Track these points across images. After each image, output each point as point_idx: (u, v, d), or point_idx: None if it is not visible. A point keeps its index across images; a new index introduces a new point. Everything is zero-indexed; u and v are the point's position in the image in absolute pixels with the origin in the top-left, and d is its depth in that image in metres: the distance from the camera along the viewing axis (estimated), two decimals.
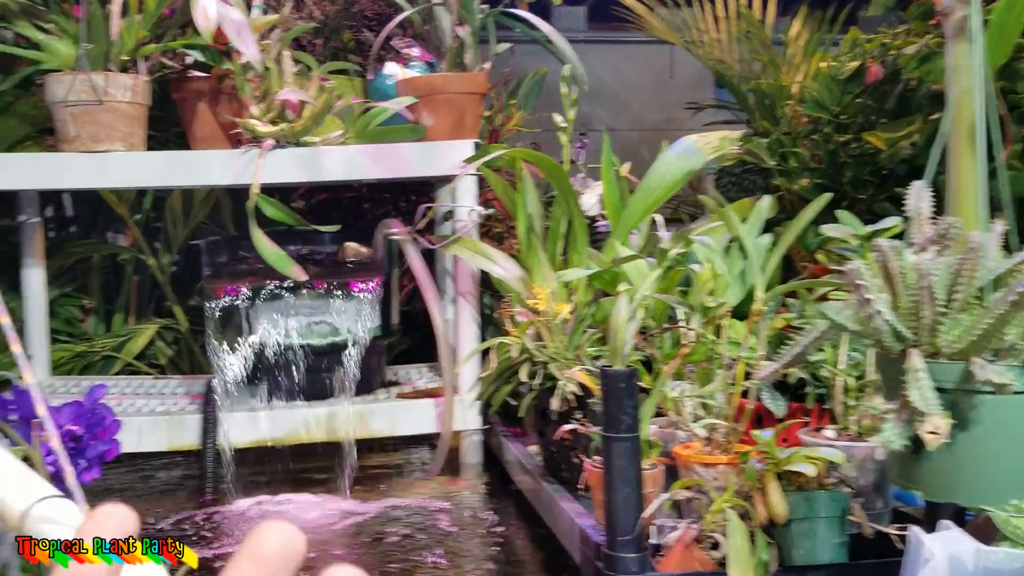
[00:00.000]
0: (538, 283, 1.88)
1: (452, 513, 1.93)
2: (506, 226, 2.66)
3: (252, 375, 2.19)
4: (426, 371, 2.63)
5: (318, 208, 2.88)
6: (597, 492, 1.41)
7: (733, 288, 1.41)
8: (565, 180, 1.88)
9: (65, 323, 2.69)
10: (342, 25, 2.64)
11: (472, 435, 2.21)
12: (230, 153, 2.11)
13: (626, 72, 4.59)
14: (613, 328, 1.29)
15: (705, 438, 1.42)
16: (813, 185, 2.72)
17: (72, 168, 2.03)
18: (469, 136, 2.27)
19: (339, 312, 2.25)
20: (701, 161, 1.78)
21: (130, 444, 2.07)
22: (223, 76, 2.14)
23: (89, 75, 1.95)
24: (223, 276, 2.24)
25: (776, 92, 2.94)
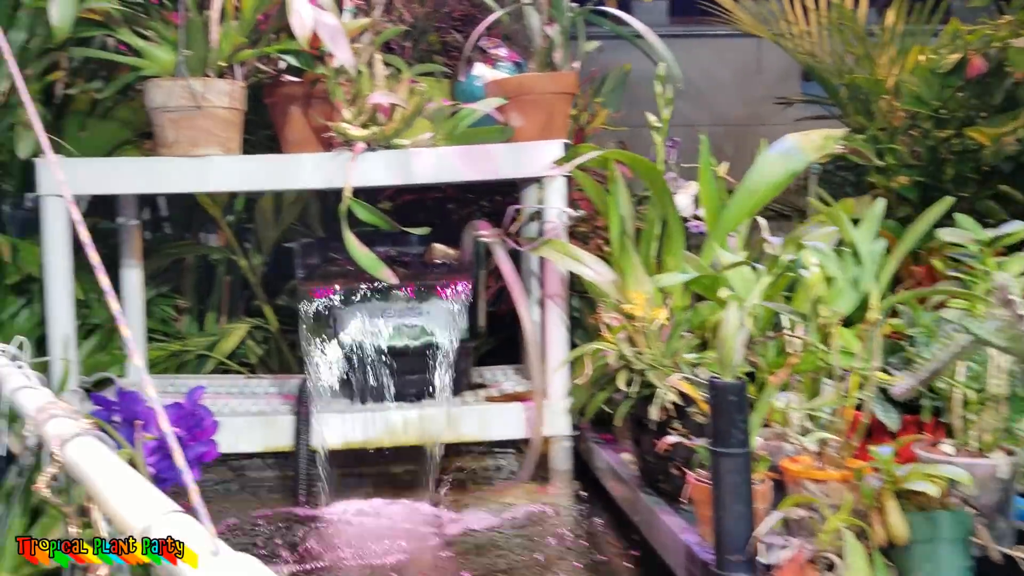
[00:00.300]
0: (631, 287, 1.84)
1: (544, 521, 1.91)
2: (591, 226, 2.63)
3: (343, 376, 2.20)
4: (512, 373, 2.61)
5: (404, 209, 2.89)
6: (702, 507, 1.37)
7: (846, 295, 1.36)
8: (661, 181, 1.84)
9: (160, 323, 2.74)
10: (430, 27, 2.64)
11: (562, 441, 2.18)
12: (322, 156, 2.12)
13: (709, 66, 4.50)
14: (722, 338, 1.25)
15: (816, 452, 1.37)
16: (912, 183, 2.63)
17: (173, 172, 2.06)
18: (558, 136, 2.24)
19: (428, 314, 2.25)
20: (804, 161, 1.72)
21: (226, 445, 2.10)
22: (315, 80, 2.15)
23: (188, 81, 1.98)
24: (315, 278, 2.26)
25: (872, 87, 2.84)
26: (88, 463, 1.00)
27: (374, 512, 1.98)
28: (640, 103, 3.39)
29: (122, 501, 0.88)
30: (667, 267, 1.88)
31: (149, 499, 0.86)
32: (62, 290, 2.10)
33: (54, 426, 1.12)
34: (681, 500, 1.55)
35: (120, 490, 0.90)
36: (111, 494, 0.90)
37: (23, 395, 1.32)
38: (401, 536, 1.83)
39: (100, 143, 2.32)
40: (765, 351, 1.57)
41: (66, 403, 1.23)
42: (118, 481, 0.93)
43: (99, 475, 0.95)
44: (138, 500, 0.86)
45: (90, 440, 1.08)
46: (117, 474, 0.95)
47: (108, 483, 0.93)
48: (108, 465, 0.98)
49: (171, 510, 0.82)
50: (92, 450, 1.04)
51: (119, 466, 0.98)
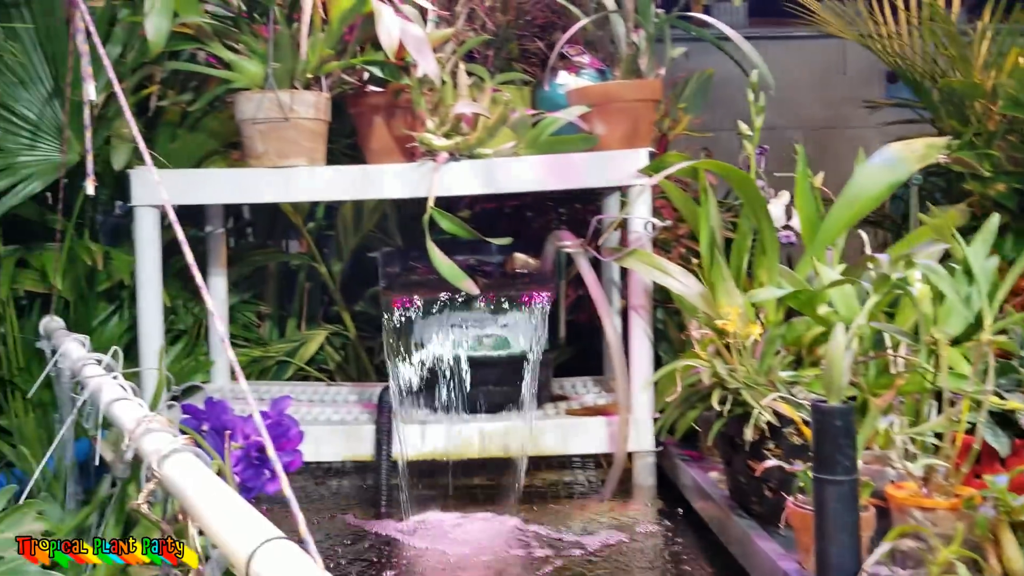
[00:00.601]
0: (721, 300, 1.80)
1: (630, 540, 1.87)
2: (673, 235, 2.58)
3: (423, 386, 2.20)
4: (592, 384, 2.58)
5: (481, 217, 2.88)
6: (803, 534, 1.32)
7: (957, 315, 1.30)
8: (755, 192, 1.79)
9: (243, 328, 2.78)
10: (512, 35, 2.62)
11: (646, 457, 2.14)
12: (406, 167, 2.12)
13: (788, 68, 4.40)
14: (828, 360, 1.20)
15: (922, 478, 1.32)
16: (1010, 190, 2.53)
17: (260, 183, 2.08)
18: (643, 144, 2.21)
19: (509, 325, 2.23)
20: (907, 172, 1.66)
21: (307, 453, 2.10)
22: (399, 91, 2.15)
23: (277, 93, 1.99)
24: (397, 287, 2.26)
25: (968, 90, 2.74)
26: (188, 482, 1.00)
27: (455, 525, 1.97)
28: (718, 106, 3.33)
29: (225, 525, 0.87)
30: (759, 280, 1.83)
31: (253, 523, 0.85)
32: (153, 299, 2.13)
33: (151, 441, 1.13)
34: (777, 524, 1.50)
35: (223, 513, 0.90)
36: (214, 517, 0.90)
37: (119, 407, 1.34)
38: (483, 550, 1.82)
39: (189, 154, 2.36)
40: (866, 371, 1.51)
41: (162, 416, 1.24)
42: (220, 503, 0.92)
43: (200, 495, 0.95)
44: (241, 524, 0.86)
45: (188, 457, 1.08)
46: (218, 495, 0.94)
47: (210, 505, 0.92)
48: (209, 485, 0.97)
49: (275, 536, 0.81)
50: (191, 468, 1.04)
51: (219, 486, 0.98)
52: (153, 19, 1.82)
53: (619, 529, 1.93)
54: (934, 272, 1.29)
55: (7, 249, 2.22)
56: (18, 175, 2.12)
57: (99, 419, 1.47)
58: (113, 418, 1.35)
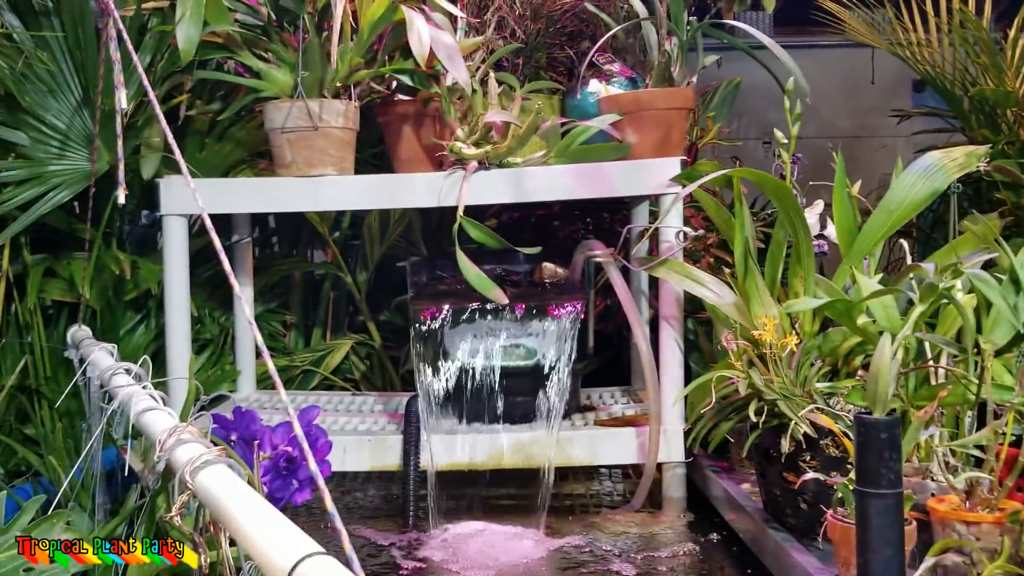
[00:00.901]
0: (755, 310, 1.77)
1: (660, 553, 1.84)
2: (703, 244, 2.56)
3: (451, 396, 2.18)
4: (619, 395, 2.56)
5: (509, 226, 2.87)
6: (842, 548, 1.29)
7: (1005, 324, 1.27)
8: (792, 200, 1.77)
9: (268, 338, 2.78)
10: (542, 43, 2.61)
11: (676, 468, 2.11)
12: (435, 175, 2.11)
13: (814, 77, 4.37)
14: (874, 372, 1.17)
15: (964, 492, 1.29)
16: None
17: (290, 192, 2.08)
18: (675, 153, 2.19)
19: (538, 335, 2.21)
20: (947, 180, 1.63)
21: (335, 463, 2.09)
22: (428, 99, 2.14)
23: (306, 102, 1.99)
24: (425, 297, 2.25)
25: (1000, 98, 2.71)
26: (223, 493, 0.99)
27: (483, 536, 1.95)
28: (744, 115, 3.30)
29: (264, 538, 0.86)
30: (795, 290, 1.80)
31: (292, 537, 0.84)
32: (180, 308, 2.13)
33: (184, 452, 1.12)
34: (814, 537, 1.47)
35: (261, 526, 0.88)
36: (252, 530, 0.89)
37: (150, 417, 1.33)
38: (510, 561, 1.80)
39: (217, 163, 2.36)
40: (906, 383, 1.48)
41: (194, 427, 1.23)
42: (258, 515, 0.91)
43: (236, 508, 0.94)
44: (281, 538, 0.84)
45: (222, 468, 1.07)
46: (255, 508, 0.93)
47: (248, 518, 0.91)
48: (245, 497, 0.96)
49: (316, 552, 0.79)
50: (226, 479, 1.03)
51: (256, 499, 0.96)
52: (184, 28, 1.82)
53: (648, 541, 1.90)
54: (983, 280, 1.26)
55: (35, 258, 2.23)
56: (47, 184, 2.13)
57: (129, 429, 1.46)
58: (144, 428, 1.34)
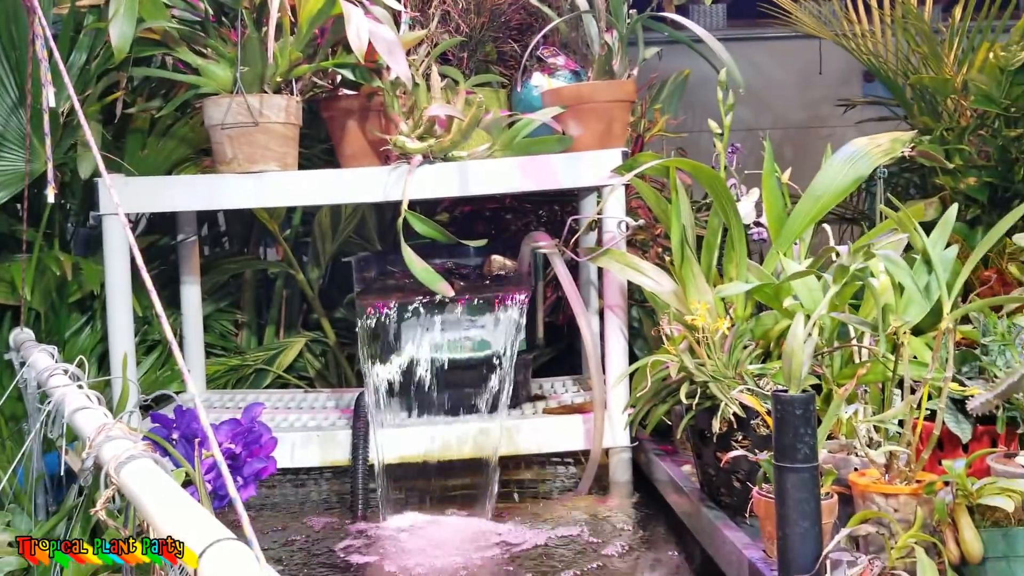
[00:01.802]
0: (692, 297, 1.80)
1: (605, 535, 1.87)
2: (650, 234, 2.59)
3: (400, 390, 2.20)
4: (570, 384, 2.58)
5: (461, 220, 2.89)
6: (767, 523, 1.33)
7: (917, 304, 1.31)
8: (724, 189, 1.80)
9: (220, 337, 2.77)
10: (487, 37, 2.63)
11: (621, 453, 2.15)
12: (380, 170, 2.12)
13: (768, 69, 4.43)
14: (788, 350, 1.21)
15: (883, 465, 1.32)
16: (981, 184, 2.55)
17: (231, 188, 2.08)
18: (617, 144, 2.21)
19: (486, 326, 2.23)
20: (871, 166, 1.66)
21: (284, 459, 2.10)
22: (372, 94, 2.15)
23: (245, 97, 1.99)
24: (373, 292, 2.26)
25: (939, 86, 2.76)
26: (142, 486, 1.00)
27: (430, 526, 1.97)
28: (698, 108, 3.34)
29: (177, 526, 0.87)
30: (729, 276, 1.83)
31: (203, 525, 0.85)
32: (122, 308, 2.13)
33: (111, 448, 1.13)
34: (744, 515, 1.50)
35: (172, 515, 0.90)
36: (164, 519, 0.90)
37: (81, 416, 1.33)
38: (457, 549, 1.82)
39: (160, 161, 2.35)
40: (831, 362, 1.52)
41: (124, 424, 1.24)
42: (171, 505, 0.92)
43: (152, 499, 0.95)
44: (190, 525, 0.86)
45: (146, 463, 1.08)
46: (170, 498, 0.94)
47: (161, 507, 0.92)
48: (162, 488, 0.97)
49: (223, 537, 0.81)
50: (147, 473, 1.04)
51: (173, 490, 0.98)
52: (118, 25, 1.82)
53: (594, 524, 1.93)
54: (892, 262, 1.29)
55: None
56: None
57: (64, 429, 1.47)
58: (76, 427, 1.34)
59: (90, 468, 1.26)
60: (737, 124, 4.59)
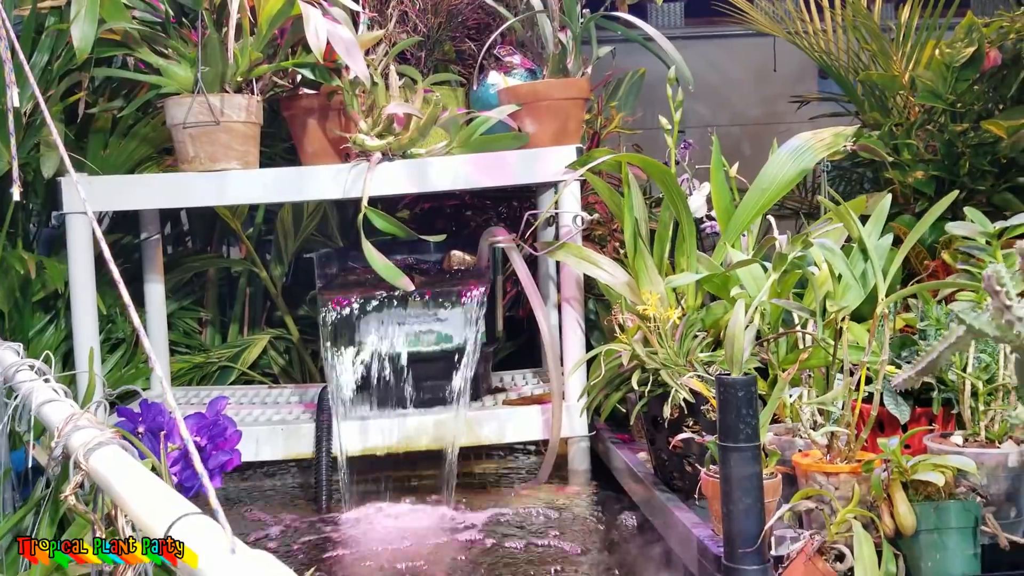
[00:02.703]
0: (645, 288, 1.86)
1: (563, 522, 1.93)
2: (608, 229, 2.65)
3: (362, 384, 2.24)
4: (531, 376, 2.64)
5: (422, 217, 2.93)
6: (714, 502, 1.38)
7: (854, 291, 1.37)
8: (674, 183, 1.86)
9: (184, 335, 2.80)
10: (444, 36, 2.67)
11: (579, 442, 2.20)
12: (340, 167, 2.16)
13: (725, 67, 4.52)
14: (730, 336, 1.26)
15: (825, 446, 1.39)
16: (928, 177, 2.63)
17: (193, 187, 2.11)
18: (572, 141, 2.27)
19: (446, 320, 2.28)
20: (814, 159, 1.73)
21: (248, 453, 2.14)
22: (332, 92, 2.19)
23: (206, 97, 2.02)
24: (334, 287, 2.29)
25: (887, 82, 2.85)
26: (111, 470, 1.03)
27: (393, 515, 2.01)
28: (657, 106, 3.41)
29: (143, 505, 0.91)
30: (680, 268, 1.90)
31: (169, 502, 0.89)
32: (87, 305, 2.15)
33: (79, 436, 1.16)
34: (695, 497, 1.56)
35: (141, 495, 0.94)
36: (133, 499, 0.94)
37: (49, 408, 1.36)
38: (418, 537, 1.86)
39: (122, 161, 2.37)
40: (776, 348, 1.58)
41: (91, 415, 1.27)
42: (140, 486, 0.96)
43: (122, 481, 0.99)
44: (159, 503, 0.89)
45: (114, 449, 1.11)
46: (139, 480, 0.98)
47: (130, 488, 0.96)
48: (130, 472, 1.01)
49: (190, 512, 0.85)
50: (116, 458, 1.07)
51: (141, 472, 1.01)
52: (79, 26, 1.84)
53: (552, 511, 1.99)
54: (828, 250, 1.36)
55: None
56: None
57: (32, 423, 1.49)
58: (44, 419, 1.37)
59: (59, 457, 1.29)
60: (695, 121, 4.67)
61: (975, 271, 1.42)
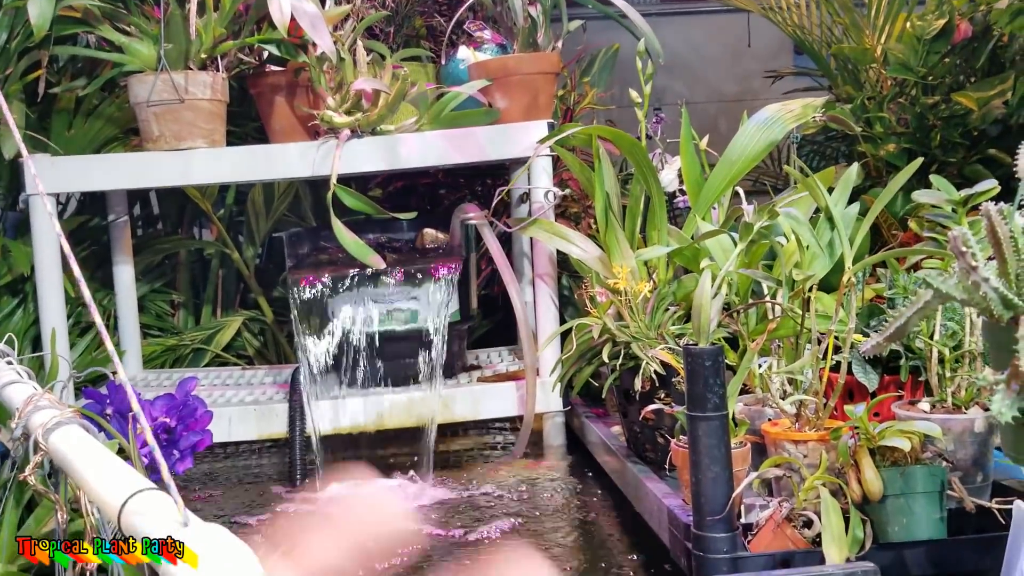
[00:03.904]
0: (617, 262, 1.86)
1: (537, 496, 1.93)
2: (582, 206, 2.64)
3: (335, 363, 2.22)
4: (506, 354, 2.63)
5: (395, 195, 2.91)
6: (684, 472, 1.38)
7: (821, 260, 1.37)
8: (644, 156, 1.85)
9: (156, 318, 2.77)
10: (414, 12, 2.65)
11: (554, 417, 2.20)
12: (308, 145, 2.14)
13: (700, 43, 4.50)
14: (697, 306, 1.26)
15: (794, 415, 1.39)
16: (900, 150, 2.63)
17: (158, 167, 2.08)
18: (543, 117, 2.25)
19: (419, 298, 2.26)
20: (783, 131, 1.73)
21: (221, 434, 2.12)
22: (299, 69, 2.16)
23: (170, 74, 1.99)
24: (305, 267, 2.28)
25: (859, 56, 2.85)
26: (70, 449, 1.02)
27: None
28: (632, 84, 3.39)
29: (100, 481, 0.90)
30: (652, 241, 1.89)
31: (126, 478, 0.88)
32: (52, 287, 2.12)
33: (39, 417, 1.14)
34: (666, 468, 1.57)
35: (99, 472, 0.92)
36: (91, 476, 0.93)
37: (10, 390, 1.34)
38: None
39: (87, 141, 2.33)
40: (747, 319, 1.58)
41: (53, 395, 1.25)
42: (98, 464, 0.95)
43: (80, 459, 0.98)
44: (115, 479, 0.88)
45: (73, 428, 1.10)
46: (97, 457, 0.97)
47: (88, 466, 0.95)
48: (89, 450, 1.00)
49: (145, 487, 0.84)
50: (74, 437, 1.06)
51: (99, 450, 1.00)
52: (37, 3, 1.81)
53: (527, 484, 1.99)
54: (793, 219, 1.35)
55: None
56: None
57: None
58: (5, 400, 1.35)
59: (20, 438, 1.27)
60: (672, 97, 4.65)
61: (941, 239, 1.42)
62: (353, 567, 0.76)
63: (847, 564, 1.16)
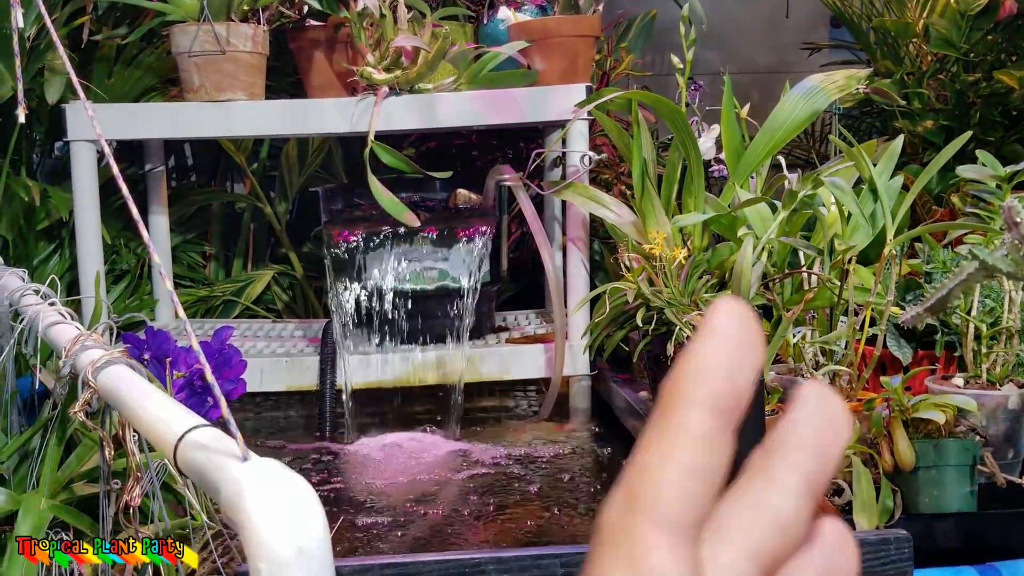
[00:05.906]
0: (652, 228, 1.86)
1: (562, 457, 1.95)
2: (615, 172, 2.64)
3: (366, 319, 2.24)
4: (534, 317, 2.64)
5: (428, 155, 2.91)
6: None
7: (863, 231, 1.37)
8: (684, 122, 1.85)
9: (188, 269, 2.80)
10: None
11: (581, 380, 2.22)
12: (346, 101, 2.14)
13: (735, 14, 4.45)
14: (737, 272, 1.27)
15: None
16: (938, 127, 2.61)
17: (198, 117, 2.09)
18: (581, 80, 2.24)
19: (450, 258, 2.28)
20: (826, 101, 1.72)
21: (253, 384, 2.15)
22: (339, 25, 2.16)
23: (212, 25, 2.00)
24: (339, 222, 2.29)
25: (900, 30, 2.81)
26: (121, 387, 1.04)
27: (396, 445, 2.04)
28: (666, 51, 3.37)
29: (156, 417, 0.92)
30: (688, 209, 1.89)
31: (181, 415, 0.90)
32: (91, 233, 2.15)
33: (88, 356, 1.17)
34: None
35: (151, 409, 0.95)
36: (145, 412, 0.95)
37: (57, 330, 1.37)
38: (422, 464, 1.89)
39: (127, 90, 2.35)
40: (782, 289, 1.58)
41: (98, 336, 1.28)
42: (149, 401, 0.97)
43: (131, 397, 1.00)
44: (169, 417, 0.90)
45: (123, 367, 1.12)
46: (148, 395, 0.99)
47: (140, 404, 0.97)
48: (140, 388, 1.02)
49: (201, 424, 0.86)
50: (125, 375, 1.08)
51: (150, 389, 1.02)
52: None
53: (552, 445, 2.01)
54: (839, 188, 1.35)
55: None
56: None
57: (38, 346, 1.50)
58: (51, 340, 1.38)
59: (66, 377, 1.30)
60: (704, 68, 4.62)
61: (984, 214, 1.42)
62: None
63: (879, 531, 1.17)
